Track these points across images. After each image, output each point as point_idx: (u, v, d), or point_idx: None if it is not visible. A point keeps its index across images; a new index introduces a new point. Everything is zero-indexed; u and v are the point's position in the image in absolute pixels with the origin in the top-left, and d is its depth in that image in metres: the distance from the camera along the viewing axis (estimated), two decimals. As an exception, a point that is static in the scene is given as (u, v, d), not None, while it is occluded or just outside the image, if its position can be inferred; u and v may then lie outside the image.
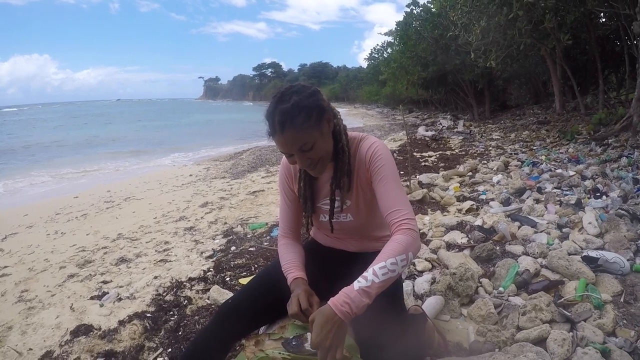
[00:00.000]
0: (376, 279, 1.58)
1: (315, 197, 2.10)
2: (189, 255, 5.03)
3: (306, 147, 1.75)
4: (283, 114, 1.70)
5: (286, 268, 2.00)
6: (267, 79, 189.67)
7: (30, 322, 3.72)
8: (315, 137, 1.76)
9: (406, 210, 1.78)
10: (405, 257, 1.64)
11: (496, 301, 3.00)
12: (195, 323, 3.28)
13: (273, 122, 1.73)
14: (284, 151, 1.80)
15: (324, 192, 2.06)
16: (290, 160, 1.84)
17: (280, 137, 1.73)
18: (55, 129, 40.49)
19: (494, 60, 13.02)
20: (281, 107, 1.72)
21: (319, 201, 2.10)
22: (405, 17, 22.72)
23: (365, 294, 1.56)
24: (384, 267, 1.60)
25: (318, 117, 1.77)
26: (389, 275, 1.60)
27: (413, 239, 1.69)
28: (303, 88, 1.80)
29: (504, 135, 14.31)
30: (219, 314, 2.01)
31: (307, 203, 2.08)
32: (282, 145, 1.76)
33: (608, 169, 6.65)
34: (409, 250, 1.66)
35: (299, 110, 1.71)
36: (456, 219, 5.07)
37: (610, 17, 13.22)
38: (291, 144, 1.74)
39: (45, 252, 5.70)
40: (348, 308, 1.54)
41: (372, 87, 52.69)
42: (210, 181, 10.28)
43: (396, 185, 1.85)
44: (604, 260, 3.22)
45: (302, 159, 1.80)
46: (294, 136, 1.72)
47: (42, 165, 16.71)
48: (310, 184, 2.07)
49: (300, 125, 1.71)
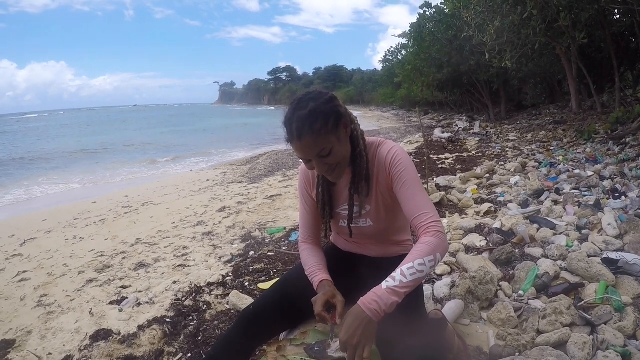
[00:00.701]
0: (404, 279, 1.60)
1: (334, 203, 2.10)
2: (207, 260, 5.05)
3: (324, 153, 1.76)
4: (300, 121, 1.71)
5: (310, 272, 2.02)
6: (282, 83, 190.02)
7: (49, 327, 3.76)
8: (332, 142, 1.77)
9: (432, 213, 1.80)
10: (434, 258, 1.66)
11: (516, 305, 2.98)
12: (214, 328, 3.29)
13: (291, 129, 1.74)
14: (302, 157, 1.81)
15: (343, 197, 2.07)
16: (309, 166, 1.86)
17: (298, 144, 1.74)
18: (80, 135, 41.07)
19: (508, 60, 12.92)
20: (299, 113, 1.73)
21: (338, 207, 2.10)
22: (418, 19, 22.72)
23: (393, 293, 1.59)
24: (412, 268, 1.62)
25: (335, 123, 1.78)
26: (417, 276, 1.62)
27: (441, 241, 1.71)
28: (320, 94, 1.81)
29: (521, 136, 14.20)
30: (241, 320, 2.02)
31: (325, 209, 2.08)
32: (300, 152, 1.77)
33: (626, 168, 6.57)
34: (436, 251, 1.67)
35: (316, 116, 1.72)
36: (474, 221, 5.05)
37: (625, 13, 13.07)
38: (309, 150, 1.75)
39: (64, 257, 5.76)
40: (377, 306, 1.56)
41: (387, 89, 52.67)
42: (227, 186, 10.33)
43: (419, 189, 1.86)
44: (624, 262, 3.18)
45: (320, 165, 1.80)
46: (311, 142, 1.73)
47: (62, 170, 16.87)
48: (328, 190, 2.08)
49: (318, 131, 1.72)
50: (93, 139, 33.71)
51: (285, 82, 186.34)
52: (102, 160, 20.30)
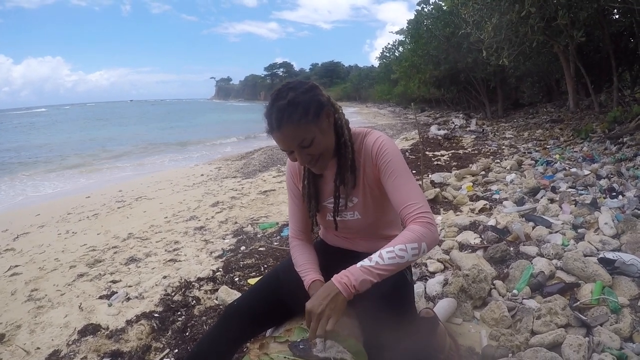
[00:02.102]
0: (380, 261, 1.58)
1: (320, 196, 2.06)
2: (198, 255, 5.03)
3: (305, 143, 1.72)
4: (279, 111, 1.68)
5: (302, 270, 1.97)
6: (278, 78, 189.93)
7: (39, 321, 3.75)
8: (313, 132, 1.73)
9: (422, 203, 1.75)
10: (418, 246, 1.61)
11: (510, 304, 2.94)
12: (202, 324, 3.27)
13: (270, 120, 1.71)
14: (283, 148, 1.77)
15: (329, 190, 2.02)
16: (291, 157, 1.83)
17: (278, 134, 1.71)
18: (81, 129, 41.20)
19: (506, 58, 12.92)
20: (278, 104, 1.69)
21: (324, 200, 2.06)
22: (416, 16, 22.74)
23: (367, 272, 1.57)
24: (391, 252, 1.59)
25: (316, 112, 1.74)
26: (396, 261, 1.58)
27: (429, 231, 1.66)
28: (300, 84, 1.77)
29: (517, 134, 14.20)
30: (225, 316, 1.99)
31: (311, 202, 2.04)
32: (280, 142, 1.74)
33: (623, 167, 6.55)
34: (422, 240, 1.63)
35: (295, 106, 1.68)
36: (469, 218, 5.01)
37: (624, 13, 13.05)
38: (290, 140, 1.72)
39: (56, 251, 5.73)
40: (347, 280, 1.56)
41: (384, 86, 52.76)
42: (221, 181, 10.30)
43: (407, 178, 1.82)
44: (621, 262, 3.14)
45: (302, 155, 1.77)
46: (291, 132, 1.69)
47: (55, 165, 16.82)
48: (314, 183, 2.04)
49: (298, 121, 1.68)
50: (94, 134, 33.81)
51: (282, 78, 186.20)
52: (97, 153, 20.24)
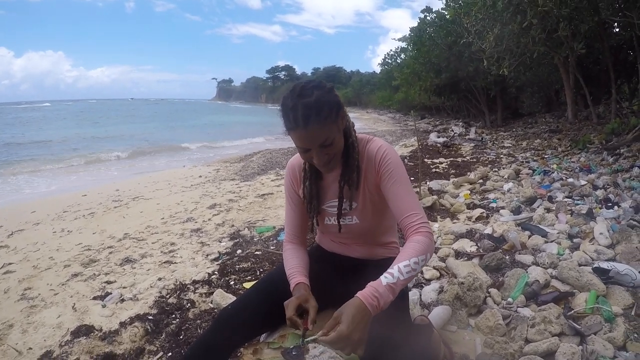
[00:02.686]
0: (401, 277, 1.59)
1: (322, 198, 2.06)
2: (194, 257, 5.00)
3: (327, 142, 1.73)
4: (307, 108, 1.67)
5: (290, 273, 1.96)
6: (280, 82, 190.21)
7: (31, 321, 3.71)
8: (334, 132, 1.75)
9: (422, 214, 1.79)
10: (425, 258, 1.65)
11: (505, 312, 2.94)
12: (197, 327, 3.25)
13: (295, 116, 1.69)
14: (304, 146, 1.76)
15: (331, 193, 2.03)
16: (306, 156, 1.81)
17: (302, 132, 1.70)
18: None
19: (506, 67, 12.97)
20: (304, 101, 1.68)
21: (325, 203, 2.06)
22: (419, 24, 22.82)
23: (391, 290, 1.57)
24: (408, 266, 1.60)
25: (337, 113, 1.77)
26: (411, 274, 1.61)
27: (431, 242, 1.70)
28: (322, 84, 1.79)
29: (516, 143, 14.24)
30: (218, 321, 1.98)
31: (312, 203, 2.04)
32: (303, 140, 1.73)
33: (620, 179, 6.57)
34: (428, 251, 1.66)
35: (323, 105, 1.70)
36: (466, 226, 5.02)
37: (624, 26, 13.12)
38: (314, 139, 1.72)
39: (51, 250, 5.69)
40: (377, 302, 1.53)
41: (384, 92, 52.87)
42: (219, 183, 10.26)
43: (409, 188, 1.85)
44: (615, 271, 3.15)
45: (320, 155, 1.76)
46: (317, 131, 1.70)
47: (52, 161, 16.78)
48: (316, 184, 2.04)
49: (324, 120, 1.70)
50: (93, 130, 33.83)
51: (283, 81, 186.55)
52: (94, 149, 20.19)
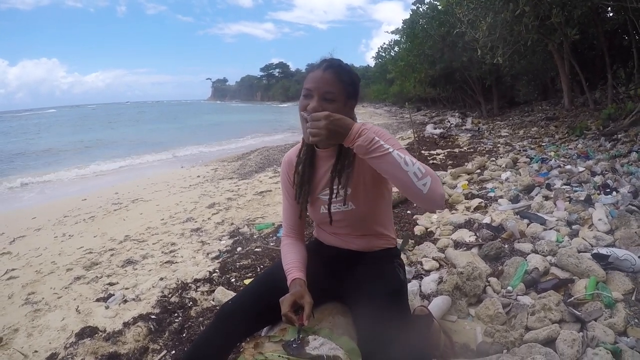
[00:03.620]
0: (390, 149, 1.60)
1: (314, 187, 2.07)
2: (195, 256, 5.03)
3: (328, 96, 1.80)
4: (335, 63, 1.87)
5: (287, 269, 1.98)
6: (274, 79, 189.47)
7: (36, 325, 3.75)
8: (340, 99, 1.83)
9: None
10: (423, 174, 1.59)
11: (504, 301, 2.96)
12: (199, 325, 3.28)
13: (322, 62, 1.86)
14: (310, 87, 1.82)
15: (324, 181, 2.04)
16: (304, 103, 1.84)
17: (318, 72, 1.83)
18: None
19: (500, 56, 12.93)
20: (337, 60, 1.89)
21: (320, 192, 2.07)
22: (411, 15, 22.71)
23: (375, 141, 1.60)
24: (401, 154, 1.61)
25: (352, 94, 1.90)
26: (399, 161, 1.59)
27: (437, 177, 1.63)
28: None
29: (513, 132, 14.23)
30: (219, 316, 1.99)
31: (303, 187, 2.05)
32: (313, 80, 1.82)
33: (618, 164, 6.58)
34: (430, 174, 1.60)
35: (348, 73, 1.89)
36: (464, 217, 5.03)
37: (618, 11, 13.07)
38: (322, 83, 1.80)
39: (53, 254, 5.72)
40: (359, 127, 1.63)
41: (379, 85, 52.66)
42: (217, 182, 10.29)
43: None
44: (615, 257, 3.16)
45: (317, 103, 1.80)
46: (330, 79, 1.81)
47: (52, 167, 16.78)
48: (309, 170, 2.06)
49: (340, 80, 1.83)
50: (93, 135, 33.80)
51: (278, 78, 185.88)
52: (94, 155, 20.17)
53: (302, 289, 1.84)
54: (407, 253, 4.03)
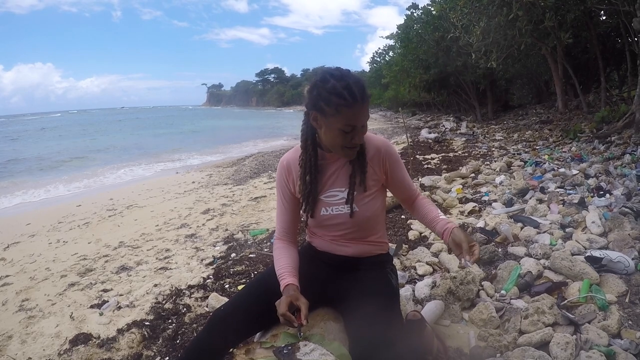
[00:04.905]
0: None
1: (320, 190, 2.08)
2: (189, 262, 5.02)
3: (366, 121, 1.86)
4: (360, 85, 1.80)
5: (279, 274, 1.99)
6: (270, 84, 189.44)
7: (30, 331, 3.74)
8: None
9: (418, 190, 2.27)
10: None
11: (498, 304, 2.96)
12: (193, 331, 3.27)
13: (352, 93, 1.76)
14: (357, 123, 1.83)
15: (329, 182, 2.06)
16: (347, 137, 1.85)
17: (360, 106, 1.79)
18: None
19: (495, 61, 12.99)
20: (354, 79, 1.79)
21: (323, 193, 2.08)
22: (406, 20, 22.77)
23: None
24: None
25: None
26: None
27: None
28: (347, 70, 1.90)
29: (507, 136, 14.27)
30: (212, 321, 1.99)
31: (310, 197, 2.06)
32: (358, 116, 1.81)
33: (611, 166, 6.61)
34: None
35: (365, 84, 1.84)
36: (459, 221, 5.05)
37: (611, 14, 13.19)
38: (365, 114, 1.84)
39: (47, 260, 5.70)
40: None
41: (374, 90, 52.57)
42: (212, 188, 10.27)
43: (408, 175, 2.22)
44: (608, 259, 3.17)
45: (361, 134, 1.87)
46: (367, 107, 1.83)
47: (47, 173, 16.74)
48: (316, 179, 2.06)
49: (369, 98, 1.85)
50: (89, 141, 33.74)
51: (273, 83, 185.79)
52: (88, 161, 20.13)
53: (297, 293, 1.85)
54: (400, 258, 4.04)
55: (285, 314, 1.74)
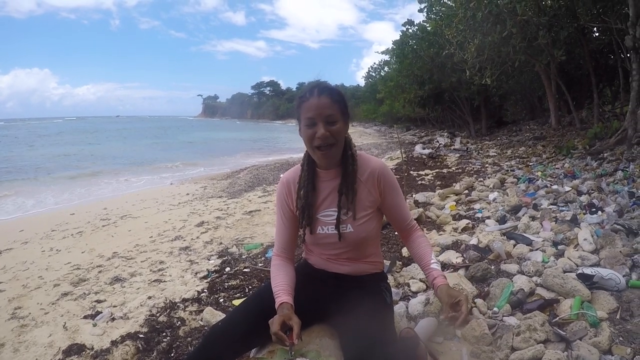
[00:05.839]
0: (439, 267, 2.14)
1: (316, 208, 2.11)
2: (183, 275, 5.00)
3: (331, 119, 1.92)
4: (324, 86, 1.95)
5: (275, 291, 2.01)
6: (265, 97, 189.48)
7: (22, 340, 3.72)
8: (339, 118, 1.95)
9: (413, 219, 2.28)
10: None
11: (490, 322, 2.97)
12: (187, 345, 3.26)
13: (312, 89, 1.93)
14: (312, 115, 1.91)
15: (326, 203, 2.10)
16: (310, 132, 1.94)
17: (314, 100, 1.91)
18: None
19: (489, 77, 13.09)
20: (323, 83, 1.96)
21: (320, 212, 2.11)
22: (401, 36, 22.90)
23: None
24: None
25: (346, 110, 2.01)
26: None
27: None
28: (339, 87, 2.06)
29: (501, 152, 14.34)
30: (208, 337, 2.00)
31: (305, 211, 2.10)
32: (312, 109, 1.91)
33: (604, 183, 6.64)
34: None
35: (338, 92, 1.99)
36: (452, 238, 5.05)
37: (603, 31, 13.34)
38: (321, 109, 1.90)
39: (40, 269, 5.67)
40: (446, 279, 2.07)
41: (369, 105, 52.94)
42: (207, 200, 10.24)
43: (404, 200, 2.23)
44: (600, 277, 3.19)
45: (323, 130, 1.90)
46: (327, 103, 1.90)
47: (40, 181, 16.68)
48: (312, 193, 2.10)
49: (335, 99, 1.95)
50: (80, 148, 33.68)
51: (268, 96, 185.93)
52: (82, 169, 20.07)
53: (290, 312, 1.87)
54: (394, 275, 4.05)
55: (278, 332, 1.76)
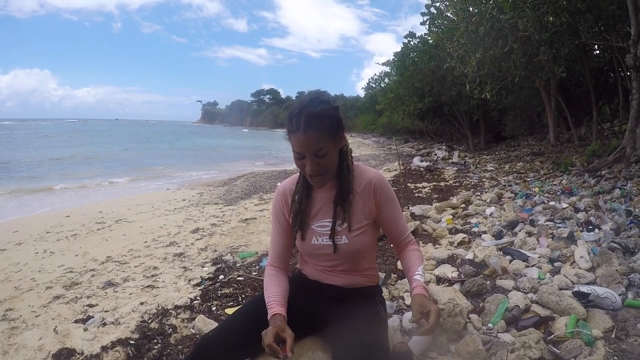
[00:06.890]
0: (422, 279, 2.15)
1: (310, 217, 2.10)
2: (176, 282, 4.98)
3: (320, 153, 1.85)
4: (310, 116, 1.81)
5: (268, 302, 1.99)
6: (264, 105, 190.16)
7: (12, 342, 3.68)
8: (330, 146, 1.87)
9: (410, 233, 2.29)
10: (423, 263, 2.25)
11: (485, 338, 2.94)
12: (178, 353, 3.22)
13: (298, 121, 1.82)
14: (300, 150, 1.86)
15: (321, 213, 2.08)
16: (300, 163, 1.90)
17: (301, 136, 1.82)
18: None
19: (489, 92, 13.12)
20: (309, 110, 1.83)
21: (315, 222, 2.09)
22: (402, 49, 22.98)
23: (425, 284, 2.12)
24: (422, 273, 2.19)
25: (337, 129, 1.91)
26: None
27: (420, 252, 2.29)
28: (329, 100, 1.94)
29: (499, 167, 14.35)
30: (200, 347, 1.99)
31: (298, 217, 2.09)
32: (300, 145, 1.84)
33: (601, 200, 6.63)
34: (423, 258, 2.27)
35: (324, 117, 1.86)
36: (447, 252, 5.03)
37: (604, 49, 13.40)
38: (310, 145, 1.83)
39: (33, 271, 5.65)
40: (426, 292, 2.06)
41: (368, 116, 53.11)
42: (202, 207, 10.24)
43: (401, 212, 2.22)
44: (595, 295, 3.18)
45: (313, 164, 1.86)
46: (314, 138, 1.82)
47: (36, 181, 16.66)
48: (306, 201, 2.10)
49: (323, 130, 1.84)
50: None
51: (268, 104, 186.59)
52: (78, 172, 20.08)
53: (283, 324, 1.85)
54: (388, 287, 4.03)
55: (271, 344, 1.74)
